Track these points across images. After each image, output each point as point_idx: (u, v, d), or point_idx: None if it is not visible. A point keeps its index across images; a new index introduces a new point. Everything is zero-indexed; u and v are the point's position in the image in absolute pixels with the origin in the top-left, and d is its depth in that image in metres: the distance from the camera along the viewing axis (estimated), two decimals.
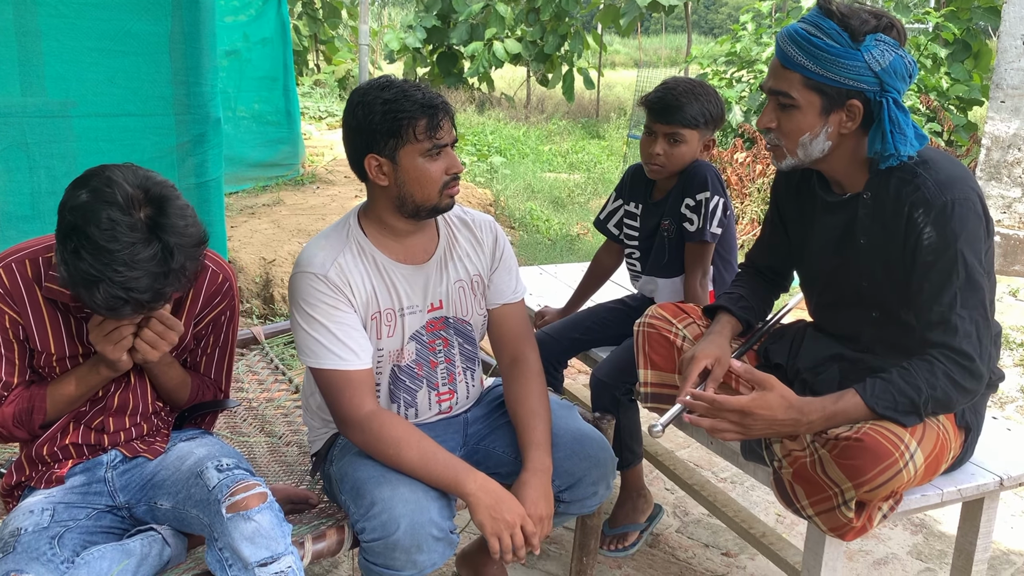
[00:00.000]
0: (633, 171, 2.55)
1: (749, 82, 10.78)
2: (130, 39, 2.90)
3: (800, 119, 1.65)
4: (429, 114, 1.68)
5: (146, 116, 2.95)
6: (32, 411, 1.61)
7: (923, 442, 1.60)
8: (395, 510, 1.60)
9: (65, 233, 1.39)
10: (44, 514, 1.57)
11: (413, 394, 1.88)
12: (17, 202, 2.80)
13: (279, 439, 2.32)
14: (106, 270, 1.36)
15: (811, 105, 1.64)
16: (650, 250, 2.46)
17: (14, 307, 1.57)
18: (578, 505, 1.89)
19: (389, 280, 1.81)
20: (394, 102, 1.68)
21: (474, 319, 1.93)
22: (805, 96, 1.63)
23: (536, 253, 5.95)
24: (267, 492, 1.54)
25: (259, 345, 2.81)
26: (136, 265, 1.38)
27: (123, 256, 1.36)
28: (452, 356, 1.91)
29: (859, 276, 1.77)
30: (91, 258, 1.36)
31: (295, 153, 7.26)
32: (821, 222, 1.83)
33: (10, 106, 2.72)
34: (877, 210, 1.69)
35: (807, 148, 1.68)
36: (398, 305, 1.82)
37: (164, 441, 1.79)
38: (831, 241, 1.81)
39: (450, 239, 1.91)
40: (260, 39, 6.66)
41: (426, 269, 1.85)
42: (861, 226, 1.72)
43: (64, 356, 1.63)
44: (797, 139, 1.67)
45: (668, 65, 16.76)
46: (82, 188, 1.41)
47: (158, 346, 1.57)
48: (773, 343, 1.99)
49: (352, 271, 1.77)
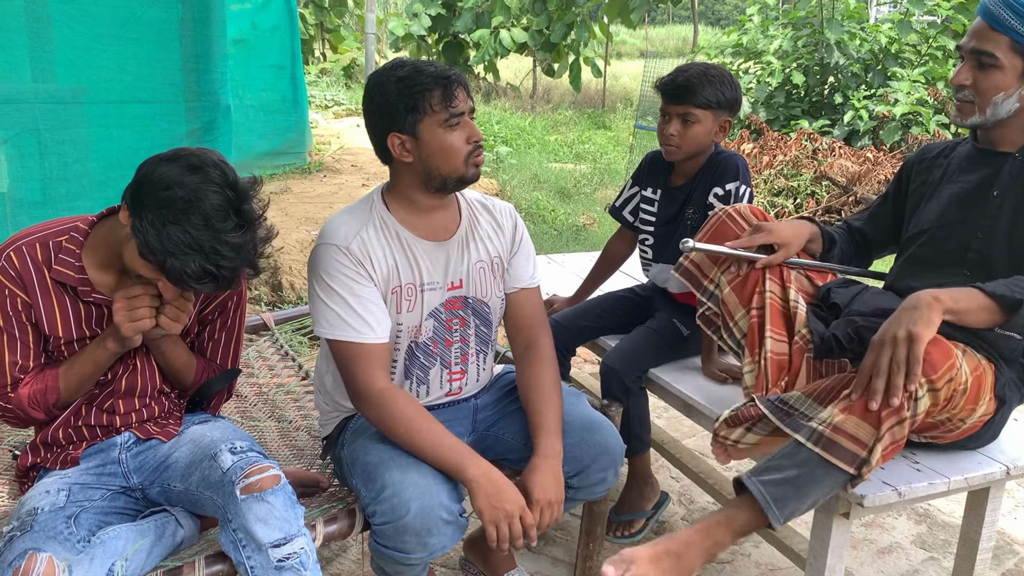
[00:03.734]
0: (651, 158, 2.56)
1: (756, 73, 10.76)
2: (141, 26, 2.92)
3: (1000, 79, 1.75)
4: (443, 84, 1.71)
5: (157, 103, 2.98)
6: (46, 391, 1.64)
7: (966, 357, 1.66)
8: (405, 493, 1.62)
9: (163, 204, 1.43)
10: (60, 494, 1.60)
11: (426, 371, 1.90)
12: (28, 188, 2.82)
13: (289, 424, 2.34)
14: (210, 244, 1.44)
15: (1013, 68, 1.74)
16: (665, 236, 2.46)
17: (24, 290, 1.60)
18: (586, 491, 1.91)
19: (411, 255, 1.83)
20: (408, 78, 1.71)
21: (492, 301, 1.95)
22: (1010, 59, 1.73)
23: (542, 243, 5.95)
24: (280, 474, 1.56)
25: (269, 331, 2.83)
26: (232, 247, 1.46)
27: (226, 236, 1.45)
28: (467, 336, 1.92)
29: (974, 231, 1.83)
30: (197, 232, 1.43)
31: (302, 141, 7.26)
32: (954, 180, 1.91)
33: (22, 92, 2.74)
34: (1022, 170, 1.77)
35: (997, 107, 1.78)
36: (419, 280, 1.84)
37: (177, 424, 1.81)
38: (960, 195, 1.88)
39: (472, 219, 1.93)
40: (268, 27, 6.66)
41: (447, 246, 1.87)
42: (1001, 181, 1.80)
43: (72, 339, 1.65)
44: (991, 97, 1.77)
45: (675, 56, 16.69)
46: (179, 165, 1.47)
47: (180, 319, 1.62)
48: (838, 286, 1.96)
49: (374, 244, 1.79)
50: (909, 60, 9.55)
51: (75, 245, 1.62)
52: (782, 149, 7.32)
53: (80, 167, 2.85)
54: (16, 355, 1.63)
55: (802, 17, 10.24)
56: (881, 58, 9.59)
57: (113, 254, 1.62)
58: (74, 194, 2.87)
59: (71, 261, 1.61)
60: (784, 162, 7.15)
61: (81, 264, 1.62)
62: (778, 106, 9.93)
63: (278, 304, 4.45)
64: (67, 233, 1.64)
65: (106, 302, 1.64)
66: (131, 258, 1.53)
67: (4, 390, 1.63)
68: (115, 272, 1.65)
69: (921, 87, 8.54)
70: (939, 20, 9.89)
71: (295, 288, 4.52)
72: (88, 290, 1.63)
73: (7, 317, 1.60)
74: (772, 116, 9.82)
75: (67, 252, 1.62)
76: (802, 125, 8.68)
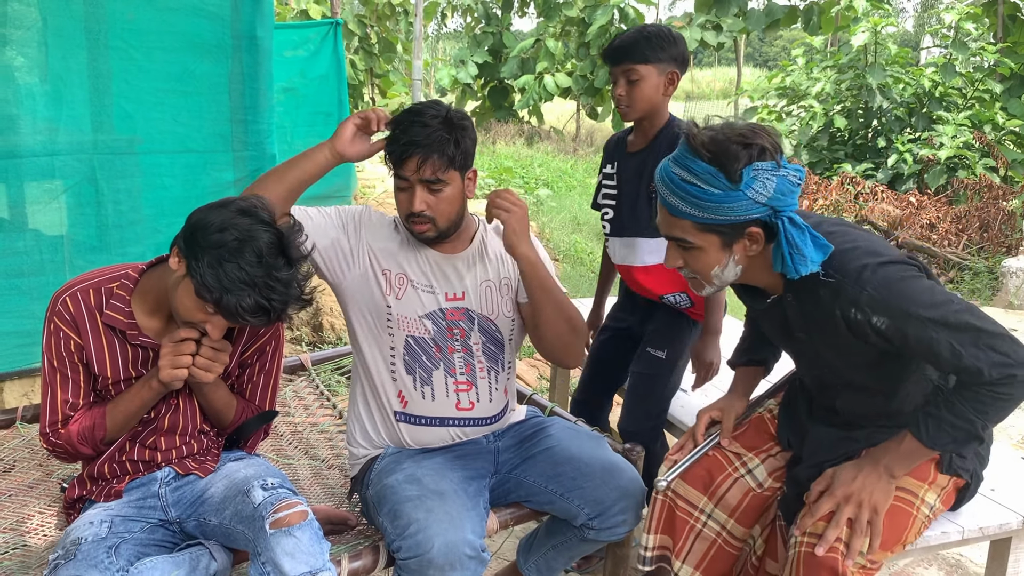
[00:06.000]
0: (610, 139, 2.63)
1: (799, 116, 10.75)
2: (193, 79, 3.08)
3: (704, 258, 1.65)
4: (400, 151, 1.84)
5: (206, 152, 3.12)
6: (94, 428, 1.74)
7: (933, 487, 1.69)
8: (430, 529, 1.69)
9: (218, 244, 1.55)
10: (103, 526, 1.69)
11: (429, 372, 1.96)
12: (86, 233, 2.97)
13: (322, 462, 2.42)
14: (263, 280, 1.55)
15: (711, 244, 1.63)
16: (624, 208, 2.47)
17: (77, 332, 1.71)
18: (607, 532, 1.95)
19: (414, 252, 1.97)
20: (397, 125, 1.86)
21: (500, 320, 2.01)
22: (702, 238, 1.62)
23: (580, 286, 6.01)
24: (308, 511, 1.63)
25: (306, 372, 2.92)
26: (283, 282, 1.58)
27: (277, 273, 1.57)
28: (470, 347, 1.98)
29: (812, 365, 1.82)
30: (251, 268, 1.54)
31: (347, 185, 7.45)
32: (763, 316, 1.87)
33: (82, 143, 2.90)
34: (805, 310, 1.68)
35: (721, 277, 1.68)
36: (412, 274, 1.96)
37: (215, 461, 1.90)
38: (776, 335, 1.88)
39: (483, 242, 2.04)
40: (317, 76, 6.89)
41: (453, 260, 1.98)
42: (795, 324, 1.73)
43: (119, 380, 1.76)
44: (709, 272, 1.67)
45: (720, 97, 16.71)
46: (229, 210, 1.59)
47: (212, 368, 1.71)
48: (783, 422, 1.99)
49: (382, 228, 1.99)
50: (955, 103, 9.48)
51: (125, 292, 1.74)
52: (823, 193, 7.30)
53: (133, 214, 3.00)
54: (68, 394, 1.74)
55: (846, 61, 10.23)
56: (926, 102, 9.53)
57: (161, 300, 1.73)
58: (127, 240, 3.02)
59: (121, 306, 1.73)
60: (825, 206, 7.13)
61: (130, 309, 1.73)
62: (821, 149, 9.90)
63: (318, 344, 4.57)
64: (119, 280, 1.75)
65: (153, 345, 1.75)
66: (180, 301, 1.63)
67: (56, 427, 1.74)
68: (162, 318, 1.76)
69: (967, 131, 8.47)
70: (985, 63, 9.82)
71: (335, 328, 4.63)
72: (136, 334, 1.74)
73: (60, 358, 1.72)
74: (815, 159, 9.79)
75: (118, 298, 1.73)
76: (845, 169, 8.65)
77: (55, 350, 1.72)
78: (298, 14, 13.79)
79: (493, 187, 9.90)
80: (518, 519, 2.03)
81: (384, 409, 1.99)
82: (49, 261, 2.94)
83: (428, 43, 24.30)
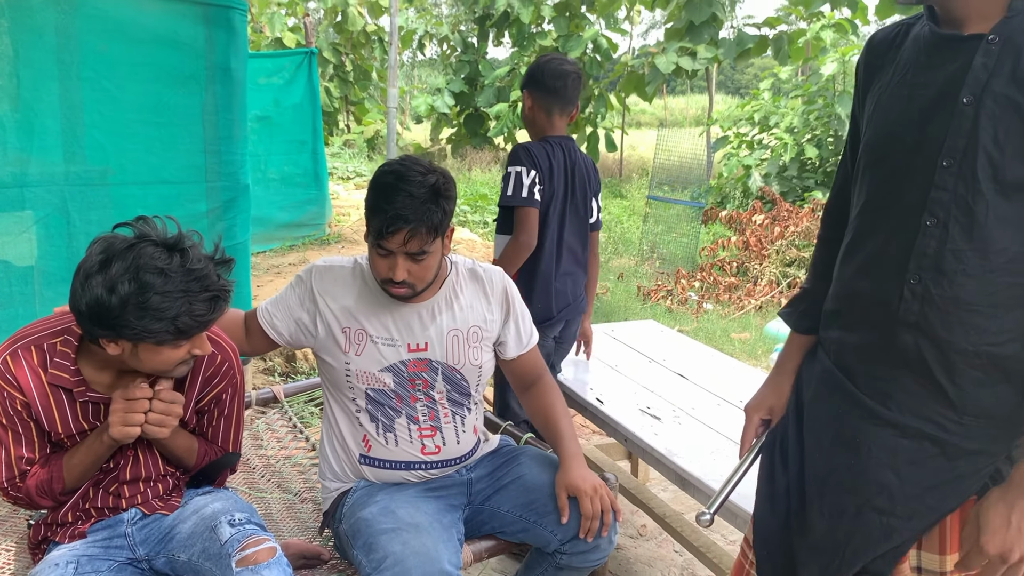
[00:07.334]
0: None
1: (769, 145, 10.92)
2: (166, 110, 3.06)
3: None
4: (391, 220, 1.76)
5: (179, 184, 3.10)
6: (52, 480, 1.70)
7: None
8: (407, 562, 1.67)
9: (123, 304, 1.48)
10: (68, 567, 1.65)
11: (391, 419, 1.96)
12: (56, 264, 2.94)
13: (295, 495, 2.40)
14: (186, 281, 1.51)
15: None
16: None
17: (21, 392, 1.65)
18: (580, 558, 1.94)
19: (376, 302, 1.94)
20: (380, 191, 1.80)
21: (467, 369, 2.00)
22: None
23: None
24: (276, 547, 1.62)
25: (279, 404, 2.90)
26: (201, 268, 1.54)
27: (190, 267, 1.52)
28: (433, 396, 1.97)
29: (936, 158, 1.24)
30: (168, 284, 1.49)
31: (322, 213, 7.46)
32: (910, 82, 1.30)
33: (53, 175, 2.88)
34: (1002, 60, 1.19)
35: None
36: (371, 329, 1.93)
37: (179, 496, 1.88)
38: (918, 104, 1.28)
39: (452, 289, 2.01)
40: (291, 104, 6.91)
41: (419, 308, 1.95)
42: (973, 78, 1.20)
43: (72, 433, 1.71)
44: None
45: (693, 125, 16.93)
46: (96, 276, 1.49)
47: (165, 423, 1.67)
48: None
49: (337, 283, 1.97)
50: None
51: (69, 348, 1.67)
52: (794, 220, 7.40)
53: None
54: (22, 449, 1.69)
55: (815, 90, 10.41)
56: None
57: (110, 356, 1.64)
58: None
59: (66, 364, 1.66)
60: (796, 232, 7.23)
61: (76, 367, 1.67)
62: (791, 178, 10.05)
63: (291, 375, 4.54)
64: (61, 335, 1.68)
65: (103, 400, 1.69)
66: (152, 362, 1.58)
67: (14, 481, 1.70)
68: (112, 372, 1.70)
69: None
70: None
71: (308, 359, 4.61)
72: (83, 390, 1.68)
73: (9, 416, 1.66)
74: (786, 188, 9.94)
75: (61, 355, 1.66)
76: (816, 196, 8.78)
77: (2, 409, 1.65)
78: (273, 43, 13.85)
79: (468, 214, 9.91)
80: (492, 552, 2.02)
81: (349, 452, 1.99)
82: (19, 293, 2.90)
83: (403, 70, 24.43)
